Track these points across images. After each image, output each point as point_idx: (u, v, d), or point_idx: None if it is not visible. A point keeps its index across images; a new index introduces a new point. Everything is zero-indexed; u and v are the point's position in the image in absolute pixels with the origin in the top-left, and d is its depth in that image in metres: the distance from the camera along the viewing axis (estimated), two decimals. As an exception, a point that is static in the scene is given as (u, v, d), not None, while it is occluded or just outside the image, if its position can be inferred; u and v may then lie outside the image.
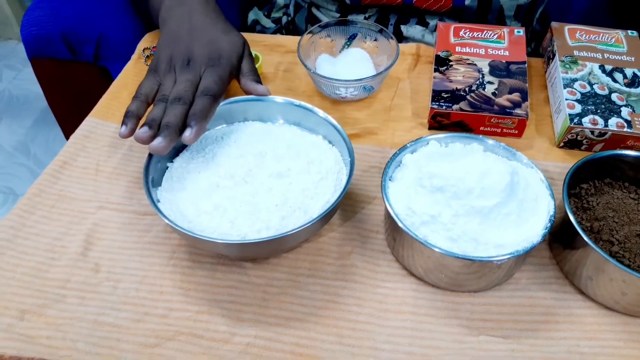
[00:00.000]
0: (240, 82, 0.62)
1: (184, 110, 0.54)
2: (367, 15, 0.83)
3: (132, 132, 0.55)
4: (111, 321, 0.48)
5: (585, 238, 0.46)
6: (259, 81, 0.61)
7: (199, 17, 0.63)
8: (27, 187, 0.59)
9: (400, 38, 0.83)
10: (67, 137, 1.03)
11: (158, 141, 0.52)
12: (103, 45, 0.83)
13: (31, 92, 1.91)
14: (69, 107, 0.94)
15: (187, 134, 0.53)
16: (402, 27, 0.83)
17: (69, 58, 0.85)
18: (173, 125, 0.53)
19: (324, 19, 0.85)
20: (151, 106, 0.57)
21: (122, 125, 0.55)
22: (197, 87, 0.57)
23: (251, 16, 1.00)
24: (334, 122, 0.56)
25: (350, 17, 0.83)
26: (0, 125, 1.80)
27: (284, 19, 0.96)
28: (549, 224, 0.47)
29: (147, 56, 0.76)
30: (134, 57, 0.76)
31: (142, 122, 0.55)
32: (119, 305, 0.49)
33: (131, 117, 0.55)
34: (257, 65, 0.70)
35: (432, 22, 0.82)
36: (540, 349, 0.46)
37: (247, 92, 0.60)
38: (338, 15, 0.84)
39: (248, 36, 0.79)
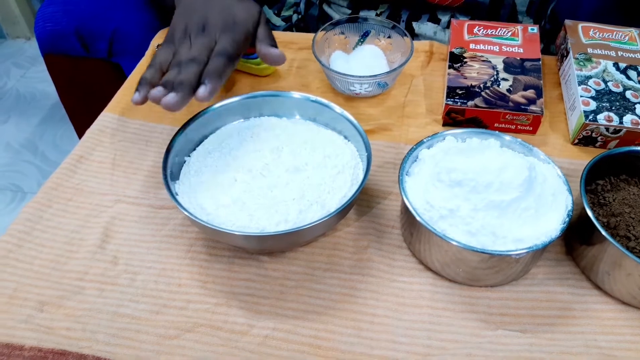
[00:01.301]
0: (256, 47, 0.61)
1: (198, 70, 0.53)
2: (378, 12, 0.83)
3: (145, 99, 0.54)
4: (130, 313, 0.49)
5: (604, 233, 0.47)
6: (275, 46, 0.61)
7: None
8: (34, 185, 0.60)
9: (412, 35, 0.83)
10: (79, 133, 1.04)
11: (171, 96, 0.51)
12: (116, 41, 0.84)
13: (38, 90, 1.92)
14: (81, 103, 0.94)
15: (201, 90, 0.52)
16: (414, 24, 0.83)
17: (82, 54, 0.86)
18: (186, 82, 0.52)
19: (335, 16, 0.85)
20: None
21: (135, 91, 0.54)
22: (212, 51, 0.56)
23: (261, 14, 1.00)
24: (350, 117, 0.56)
25: (362, 14, 0.83)
26: (8, 123, 1.81)
27: (294, 17, 0.97)
28: (567, 219, 0.47)
29: (158, 45, 0.76)
30: (148, 52, 0.76)
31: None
32: (137, 297, 0.50)
33: (144, 84, 0.54)
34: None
35: (444, 19, 0.82)
36: (558, 343, 0.46)
37: (263, 57, 0.60)
38: (349, 11, 0.84)
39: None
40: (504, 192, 0.47)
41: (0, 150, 1.71)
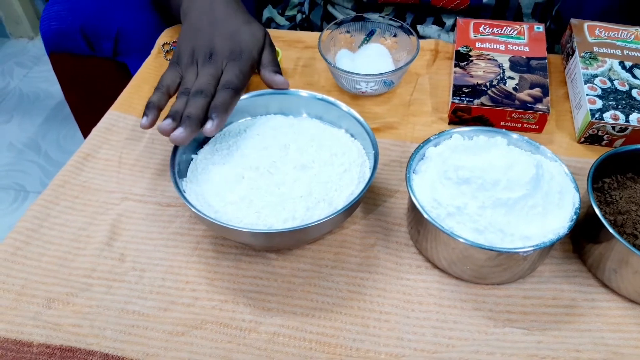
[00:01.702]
0: (260, 72, 0.62)
1: (206, 103, 0.55)
2: (383, 15, 0.83)
3: (153, 123, 0.56)
4: (138, 310, 0.49)
5: (611, 230, 0.47)
6: (278, 72, 0.62)
7: (221, 8, 0.64)
8: (37, 184, 0.60)
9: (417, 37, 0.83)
10: (83, 132, 1.04)
11: (179, 132, 0.52)
12: (121, 40, 0.84)
13: (42, 90, 1.92)
14: (86, 102, 0.94)
15: (209, 126, 0.53)
16: (419, 27, 0.83)
17: (88, 53, 0.86)
18: (194, 117, 0.53)
19: (340, 17, 0.86)
20: (173, 98, 0.58)
21: (143, 116, 0.55)
22: (219, 81, 0.57)
23: (265, 14, 1.00)
24: (357, 115, 0.56)
25: (366, 15, 0.83)
26: (11, 122, 1.81)
27: (299, 17, 0.97)
28: (574, 216, 0.47)
29: (167, 51, 0.77)
30: (153, 51, 0.77)
31: (164, 114, 0.55)
32: (145, 294, 0.50)
33: (152, 109, 0.56)
34: (278, 59, 0.70)
35: (448, 22, 0.82)
36: (565, 341, 0.47)
37: (267, 83, 0.61)
38: (354, 14, 0.84)
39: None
40: (511, 189, 0.47)
41: (4, 149, 1.71)
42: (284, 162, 0.53)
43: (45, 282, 0.51)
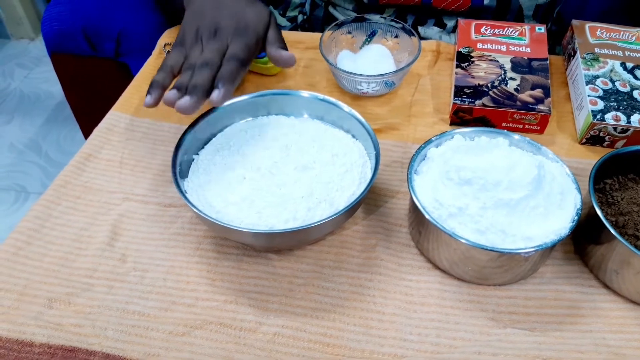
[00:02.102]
0: (266, 50, 0.61)
1: (212, 74, 0.54)
2: (384, 16, 0.83)
3: (157, 101, 0.55)
4: (139, 310, 0.49)
5: (612, 231, 0.47)
6: (285, 48, 0.61)
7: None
8: (38, 185, 0.60)
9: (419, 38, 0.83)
10: (84, 132, 1.04)
11: (185, 100, 0.51)
12: (123, 41, 0.84)
13: (42, 91, 1.93)
14: (87, 103, 0.94)
15: (215, 94, 0.53)
16: (420, 28, 0.83)
17: (89, 53, 0.86)
18: (200, 86, 0.52)
19: (341, 18, 0.86)
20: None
21: (147, 94, 0.54)
22: (224, 55, 0.57)
23: (267, 14, 1.00)
24: (359, 116, 0.56)
25: (367, 16, 0.83)
26: (11, 123, 1.81)
27: (300, 18, 0.97)
28: (576, 217, 0.47)
29: (168, 52, 0.76)
30: (155, 52, 0.77)
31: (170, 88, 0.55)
32: (146, 295, 0.50)
33: (156, 87, 0.55)
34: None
35: (449, 23, 0.82)
36: (566, 342, 0.46)
37: (273, 60, 0.60)
38: (355, 14, 0.84)
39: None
40: (513, 190, 0.47)
41: (4, 150, 1.71)
42: (285, 163, 0.53)
43: (47, 282, 0.51)
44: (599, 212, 0.48)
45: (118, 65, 0.88)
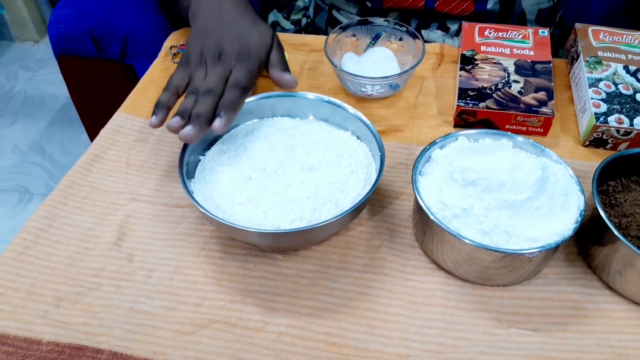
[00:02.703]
0: (269, 71, 0.63)
1: (214, 102, 0.55)
2: (388, 19, 0.83)
3: (162, 122, 0.56)
4: (146, 309, 0.49)
5: (616, 232, 0.47)
6: (287, 70, 0.62)
7: (229, 10, 0.64)
8: (42, 187, 0.61)
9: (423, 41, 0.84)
10: (90, 134, 1.05)
11: (188, 129, 0.53)
12: (130, 43, 0.84)
13: (46, 93, 1.93)
14: (93, 104, 0.95)
15: (217, 123, 0.54)
16: (423, 32, 0.84)
17: (95, 55, 0.87)
18: (203, 115, 0.54)
19: (344, 22, 0.86)
20: (182, 97, 0.58)
21: (152, 115, 0.56)
22: (227, 80, 0.58)
23: (271, 18, 1.01)
24: (363, 117, 0.57)
25: (370, 20, 0.83)
26: (15, 125, 1.82)
27: (304, 21, 0.97)
28: (579, 218, 0.48)
29: (174, 54, 0.77)
30: (161, 54, 0.77)
31: (173, 113, 0.56)
32: (153, 294, 0.50)
33: (161, 108, 0.56)
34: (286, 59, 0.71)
35: (452, 27, 0.83)
36: (570, 342, 0.47)
37: (276, 82, 0.61)
38: (358, 19, 0.85)
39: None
40: (516, 191, 0.47)
41: (8, 152, 1.72)
42: (290, 164, 0.54)
43: (55, 281, 0.52)
44: (602, 213, 0.49)
45: (123, 67, 0.89)
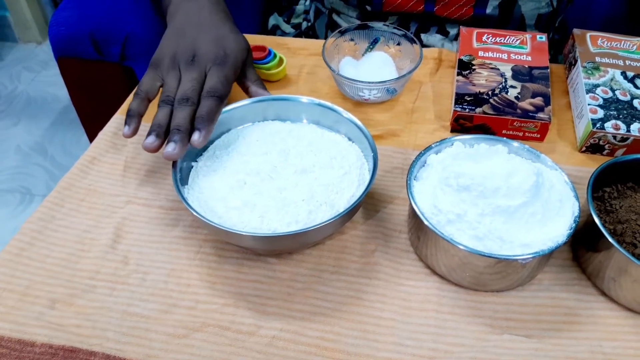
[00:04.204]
0: (246, 86, 0.62)
1: (192, 111, 0.54)
2: (387, 23, 0.83)
3: (135, 132, 0.56)
4: (140, 312, 0.49)
5: (610, 239, 0.47)
6: (264, 87, 0.62)
7: (207, 14, 0.63)
8: (43, 188, 0.61)
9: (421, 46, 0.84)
10: (89, 136, 1.05)
11: (172, 147, 0.52)
12: (129, 46, 0.85)
13: (49, 94, 1.94)
14: (93, 107, 0.95)
15: (196, 137, 0.53)
16: (423, 36, 0.84)
17: (95, 58, 0.87)
18: (184, 129, 0.53)
19: (344, 25, 0.86)
20: (153, 105, 0.58)
21: (125, 125, 0.56)
22: (202, 86, 0.56)
23: (271, 21, 1.01)
24: (355, 119, 0.57)
25: (370, 23, 0.84)
26: (18, 126, 1.83)
27: (304, 25, 0.98)
28: (573, 225, 0.48)
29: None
30: (159, 57, 0.78)
31: (149, 128, 0.55)
32: (147, 297, 0.50)
33: (133, 117, 0.56)
34: (281, 68, 0.71)
35: (452, 31, 0.83)
36: (563, 349, 0.47)
37: (253, 97, 0.61)
38: (358, 22, 0.85)
39: (272, 39, 0.81)
40: (511, 197, 0.47)
41: (11, 152, 1.73)
42: (284, 167, 0.54)
43: (49, 283, 0.52)
44: (596, 220, 0.48)
45: (123, 69, 0.89)
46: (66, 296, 0.51)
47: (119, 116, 0.69)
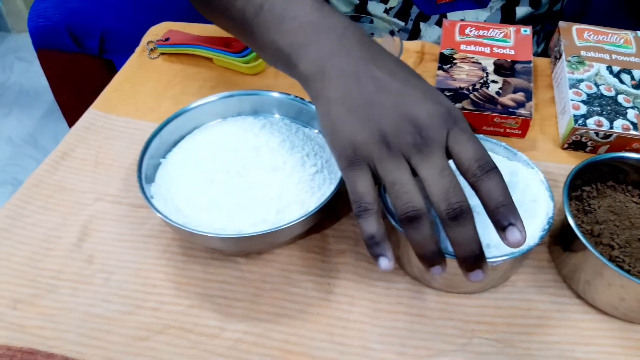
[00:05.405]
0: None
1: (474, 226, 0.39)
2: (388, 7, 0.80)
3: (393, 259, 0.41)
4: (102, 313, 0.48)
5: (584, 241, 0.45)
6: None
7: (380, 56, 0.44)
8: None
9: (417, 36, 0.82)
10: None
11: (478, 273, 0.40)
12: (108, 39, 0.83)
13: (41, 85, 1.92)
14: (74, 99, 0.94)
15: (518, 237, 0.38)
16: (422, 25, 0.81)
17: (75, 50, 0.86)
18: (478, 251, 0.39)
19: (343, 8, 0.83)
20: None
21: (378, 258, 0.41)
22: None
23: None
24: None
25: (370, 6, 0.81)
26: (10, 117, 1.82)
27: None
28: (547, 226, 0.46)
29: (151, 49, 0.76)
30: (138, 49, 0.76)
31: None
32: (110, 297, 0.49)
33: (382, 242, 0.40)
34: (259, 61, 0.70)
35: None
36: (533, 353, 0.45)
37: None
38: (358, 2, 0.82)
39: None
40: (482, 197, 0.46)
41: (2, 143, 1.72)
42: (255, 165, 0.52)
43: (13, 283, 0.51)
44: (571, 220, 0.47)
45: (104, 62, 0.88)
46: (29, 296, 0.50)
47: (92, 111, 0.68)
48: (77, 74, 0.90)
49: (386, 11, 0.81)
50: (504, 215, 0.38)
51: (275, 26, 0.45)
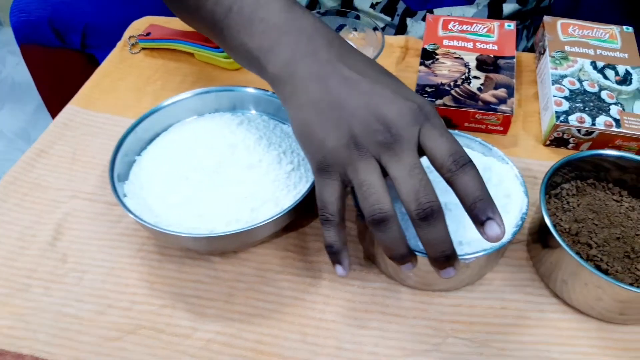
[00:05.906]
0: None
1: (445, 223, 0.38)
2: (374, 2, 0.79)
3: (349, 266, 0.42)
4: (74, 313, 0.48)
5: (559, 240, 0.45)
6: None
7: (350, 56, 0.43)
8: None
9: (404, 32, 0.81)
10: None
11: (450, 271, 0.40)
12: (90, 34, 0.82)
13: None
14: (58, 94, 0.93)
15: (496, 231, 0.38)
16: (408, 21, 0.80)
17: (58, 45, 0.85)
18: (450, 252, 0.39)
19: (329, 3, 0.82)
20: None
21: (335, 265, 0.42)
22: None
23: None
24: None
25: (356, 3, 0.80)
26: (2, 111, 1.81)
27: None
28: (520, 222, 0.46)
29: (133, 44, 0.75)
30: (119, 44, 0.75)
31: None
32: (83, 297, 0.49)
33: (340, 251, 0.41)
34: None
35: None
36: (508, 353, 0.45)
37: None
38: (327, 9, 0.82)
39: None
40: (452, 193, 0.45)
41: (-5, 138, 1.72)
42: (230, 162, 0.52)
43: (-13, 282, 0.50)
44: (546, 219, 0.46)
45: (86, 57, 0.87)
46: (2, 296, 0.49)
47: (70, 107, 0.67)
48: (61, 69, 0.89)
49: (372, 6, 0.80)
50: (482, 210, 0.38)
51: (244, 28, 0.45)
